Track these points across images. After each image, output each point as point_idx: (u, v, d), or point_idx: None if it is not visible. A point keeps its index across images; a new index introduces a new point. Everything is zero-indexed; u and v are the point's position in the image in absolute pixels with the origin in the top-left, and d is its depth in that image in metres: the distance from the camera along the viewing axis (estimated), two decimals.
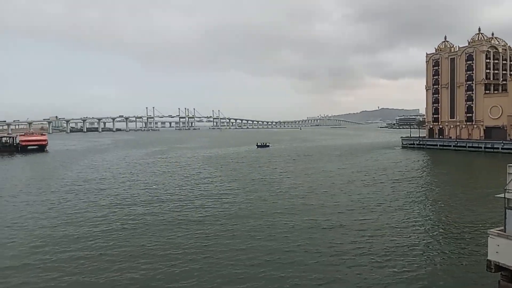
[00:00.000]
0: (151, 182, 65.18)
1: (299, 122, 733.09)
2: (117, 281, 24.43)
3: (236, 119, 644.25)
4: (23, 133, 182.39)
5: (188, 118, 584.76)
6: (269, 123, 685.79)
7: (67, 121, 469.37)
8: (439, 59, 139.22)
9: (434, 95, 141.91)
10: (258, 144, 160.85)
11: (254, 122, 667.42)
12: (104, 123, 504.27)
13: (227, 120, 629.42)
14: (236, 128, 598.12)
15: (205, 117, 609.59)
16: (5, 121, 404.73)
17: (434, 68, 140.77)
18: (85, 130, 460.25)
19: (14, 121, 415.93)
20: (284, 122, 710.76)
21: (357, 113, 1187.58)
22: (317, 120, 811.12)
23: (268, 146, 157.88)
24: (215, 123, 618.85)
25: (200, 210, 43.23)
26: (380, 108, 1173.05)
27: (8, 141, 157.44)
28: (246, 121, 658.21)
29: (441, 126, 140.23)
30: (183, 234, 33.95)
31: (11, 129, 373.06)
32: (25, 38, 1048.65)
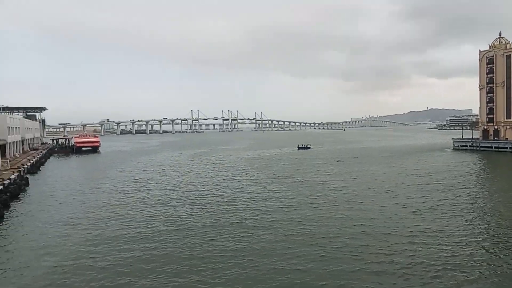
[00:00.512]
0: (195, 183, 66.41)
1: (342, 123, 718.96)
2: (163, 283, 24.91)
3: (278, 121, 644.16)
4: (78, 135, 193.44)
5: (231, 120, 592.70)
6: (312, 124, 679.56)
7: (118, 124, 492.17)
8: (493, 56, 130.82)
9: (489, 94, 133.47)
10: (299, 146, 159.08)
11: (297, 123, 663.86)
12: (152, 125, 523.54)
13: (269, 122, 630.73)
14: (278, 130, 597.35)
15: (247, 119, 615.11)
16: (61, 124, 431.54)
17: (488, 66, 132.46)
18: (134, 132, 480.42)
19: (69, 123, 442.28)
20: (327, 124, 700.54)
21: (404, 113, 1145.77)
22: (361, 121, 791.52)
23: (309, 147, 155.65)
24: (257, 125, 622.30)
25: (242, 212, 43.19)
26: (429, 108, 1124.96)
27: (64, 142, 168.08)
28: (288, 123, 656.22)
29: (496, 127, 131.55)
30: (226, 236, 33.96)
31: (67, 131, 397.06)
32: (72, 44, 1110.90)
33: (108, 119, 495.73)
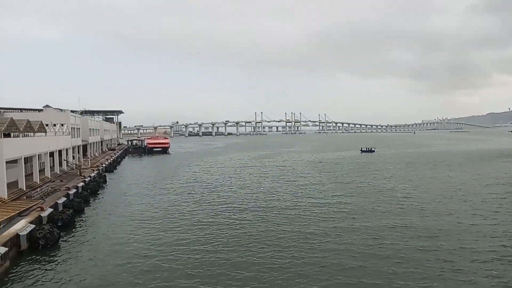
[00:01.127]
0: (258, 185, 67.01)
1: (412, 125, 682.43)
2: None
3: (343, 123, 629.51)
4: (150, 137, 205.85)
5: (294, 122, 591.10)
6: (379, 126, 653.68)
7: (186, 126, 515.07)
8: None
9: None
10: (363, 149, 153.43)
11: (362, 125, 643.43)
12: (217, 127, 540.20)
13: (333, 124, 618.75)
14: (342, 132, 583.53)
15: (310, 121, 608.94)
16: (135, 126, 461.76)
17: None
18: (201, 134, 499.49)
19: (142, 126, 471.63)
20: (395, 126, 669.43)
21: (482, 115, 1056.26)
22: (434, 123, 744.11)
23: (374, 151, 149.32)
24: (320, 127, 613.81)
25: (305, 219, 42.29)
26: (511, 109, 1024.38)
27: (138, 143, 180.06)
28: (353, 125, 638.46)
29: None
30: (286, 244, 33.61)
31: (140, 133, 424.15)
32: (142, 50, 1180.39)
33: (177, 122, 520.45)
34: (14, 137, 54.00)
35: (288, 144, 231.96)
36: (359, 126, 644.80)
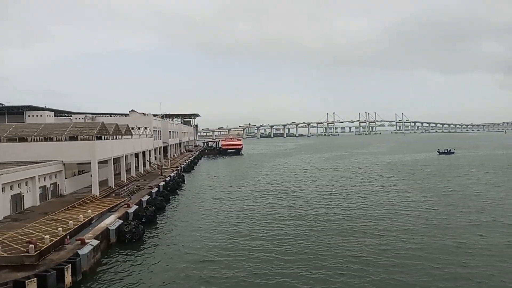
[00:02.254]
0: (329, 187, 66.15)
1: (502, 124, 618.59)
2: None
3: (422, 122, 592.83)
4: (224, 139, 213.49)
5: (369, 122, 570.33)
6: (463, 126, 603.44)
7: (258, 128, 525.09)
8: None
9: None
10: (440, 150, 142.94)
11: (444, 125, 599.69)
12: (288, 129, 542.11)
13: (412, 124, 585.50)
14: (422, 132, 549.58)
15: (386, 121, 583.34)
16: (210, 129, 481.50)
17: None
18: (272, 136, 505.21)
19: (217, 128, 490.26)
20: (482, 125, 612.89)
21: None
22: None
23: (453, 152, 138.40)
24: (397, 127, 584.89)
25: (378, 222, 40.77)
26: None
27: (213, 145, 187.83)
28: (434, 124, 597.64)
29: None
30: (361, 246, 32.79)
31: (215, 135, 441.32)
32: (217, 55, 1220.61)
33: (249, 124, 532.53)
34: (104, 139, 59.75)
35: (362, 145, 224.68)
36: (440, 125, 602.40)
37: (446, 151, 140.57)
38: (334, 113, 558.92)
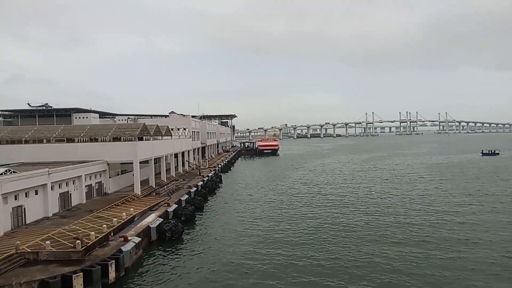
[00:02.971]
0: (369, 189, 64.55)
1: None
2: None
3: (467, 122, 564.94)
4: (260, 139, 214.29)
5: (410, 122, 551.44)
6: None
7: (294, 128, 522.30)
8: None
9: None
10: (484, 152, 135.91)
11: (492, 125, 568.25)
12: (326, 129, 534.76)
13: (456, 123, 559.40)
14: (468, 133, 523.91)
15: (429, 121, 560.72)
16: (247, 129, 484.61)
17: None
18: (309, 136, 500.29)
19: (253, 129, 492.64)
20: None
21: None
22: None
23: (498, 153, 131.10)
24: (441, 127, 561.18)
25: (419, 228, 39.23)
26: None
27: (250, 146, 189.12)
28: (480, 124, 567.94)
29: None
30: (400, 255, 31.69)
31: (251, 135, 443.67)
32: (252, 55, 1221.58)
33: (285, 124, 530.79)
34: (145, 140, 61.69)
35: (403, 146, 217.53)
36: (487, 125, 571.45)
37: (490, 152, 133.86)
38: (373, 112, 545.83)
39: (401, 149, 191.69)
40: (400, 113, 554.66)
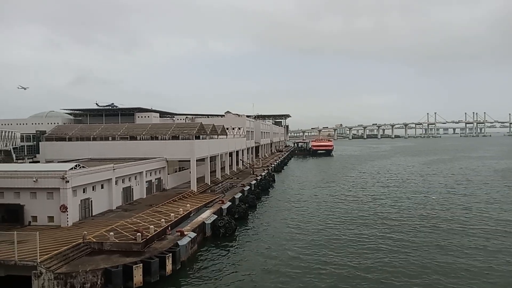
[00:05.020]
0: (427, 195, 61.13)
1: None
2: None
3: None
4: (314, 139, 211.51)
5: (477, 123, 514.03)
6: None
7: (350, 129, 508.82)
8: None
9: None
10: None
11: None
12: (383, 130, 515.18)
13: None
14: None
15: (498, 122, 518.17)
16: (300, 129, 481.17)
17: None
18: (365, 137, 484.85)
19: (307, 129, 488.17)
20: None
21: None
22: None
23: None
24: (511, 129, 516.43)
25: (479, 237, 36.62)
26: None
27: (303, 146, 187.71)
28: None
29: None
30: (457, 264, 29.75)
31: (305, 135, 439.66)
32: (306, 55, 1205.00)
33: (341, 124, 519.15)
34: (202, 139, 63.52)
35: (467, 149, 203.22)
36: None
37: None
38: (435, 113, 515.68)
39: (465, 152, 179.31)
40: (465, 113, 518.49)
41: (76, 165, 37.35)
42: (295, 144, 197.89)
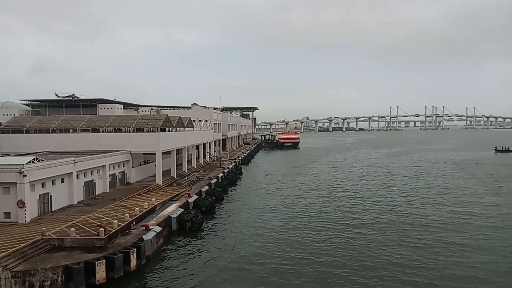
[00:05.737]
0: (390, 186, 63.46)
1: None
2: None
3: (496, 117, 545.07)
4: (281, 132, 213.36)
5: (436, 117, 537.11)
6: None
7: (316, 122, 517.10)
8: None
9: None
10: (497, 148, 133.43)
11: None
12: (348, 123, 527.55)
13: (484, 119, 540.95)
14: (496, 128, 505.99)
15: (456, 116, 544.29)
16: (268, 122, 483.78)
17: None
18: (331, 130, 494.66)
19: (274, 121, 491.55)
20: None
21: None
22: None
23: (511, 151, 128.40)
24: (468, 122, 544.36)
25: (441, 228, 38.18)
26: None
27: (271, 138, 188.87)
28: (510, 119, 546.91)
29: None
30: (414, 252, 31.19)
31: (272, 128, 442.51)
32: (273, 48, 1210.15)
33: (307, 117, 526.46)
34: (168, 131, 62.44)
35: (427, 141, 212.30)
36: None
37: (504, 149, 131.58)
38: (397, 106, 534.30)
39: (425, 144, 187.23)
40: (425, 107, 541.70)
41: (34, 159, 35.75)
42: (263, 137, 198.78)
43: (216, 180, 58.82)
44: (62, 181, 39.03)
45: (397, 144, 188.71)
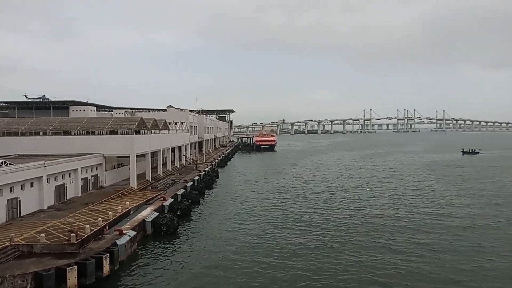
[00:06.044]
0: (363, 187, 64.80)
1: None
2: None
3: (465, 120, 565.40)
4: (258, 135, 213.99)
5: (407, 119, 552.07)
6: (509, 124, 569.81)
7: (292, 124, 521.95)
8: None
9: None
10: (465, 150, 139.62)
11: (489, 123, 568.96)
12: (323, 125, 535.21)
13: (453, 122, 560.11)
14: (464, 131, 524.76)
15: (426, 118, 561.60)
16: (244, 124, 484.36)
17: None
18: (306, 132, 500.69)
19: (251, 124, 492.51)
20: None
21: None
22: None
23: (478, 152, 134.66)
24: (438, 125, 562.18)
25: (415, 228, 39.71)
26: None
27: (247, 141, 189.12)
28: (477, 122, 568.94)
29: None
30: (392, 254, 32.03)
31: (249, 131, 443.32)
32: (249, 50, 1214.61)
33: (283, 120, 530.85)
34: (143, 134, 61.54)
35: (399, 144, 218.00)
36: (484, 123, 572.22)
37: (470, 151, 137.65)
38: (371, 109, 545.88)
39: (397, 146, 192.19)
40: (398, 110, 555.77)
41: (2, 162, 34.47)
42: (239, 139, 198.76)
43: (192, 183, 58.36)
44: (32, 185, 37.80)
45: (370, 147, 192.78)
